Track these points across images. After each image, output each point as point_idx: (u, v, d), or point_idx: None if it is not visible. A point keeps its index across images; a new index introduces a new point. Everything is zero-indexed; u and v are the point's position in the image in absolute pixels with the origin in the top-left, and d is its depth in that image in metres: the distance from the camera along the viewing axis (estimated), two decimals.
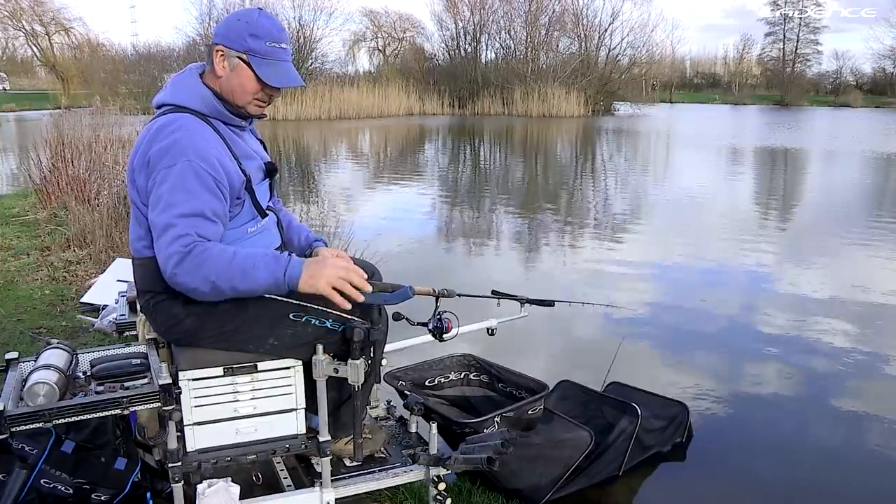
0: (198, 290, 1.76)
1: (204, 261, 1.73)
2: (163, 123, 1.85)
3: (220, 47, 1.90)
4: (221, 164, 1.82)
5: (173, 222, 1.74)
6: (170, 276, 1.75)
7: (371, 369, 1.99)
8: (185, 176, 1.76)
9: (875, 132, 26.73)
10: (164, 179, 1.76)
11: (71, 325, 4.14)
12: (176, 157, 1.77)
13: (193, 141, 1.80)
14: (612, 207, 10.53)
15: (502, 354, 3.40)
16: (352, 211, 9.90)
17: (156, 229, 1.78)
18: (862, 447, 3.44)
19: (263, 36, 1.88)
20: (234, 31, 1.89)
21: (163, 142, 1.80)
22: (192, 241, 1.73)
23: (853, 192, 12.09)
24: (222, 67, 1.91)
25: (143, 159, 1.83)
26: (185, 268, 1.72)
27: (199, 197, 1.76)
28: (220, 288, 1.75)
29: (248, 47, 1.88)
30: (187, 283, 1.74)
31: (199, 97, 1.90)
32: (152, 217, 1.79)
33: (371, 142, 23.40)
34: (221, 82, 1.92)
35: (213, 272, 1.73)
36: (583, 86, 36.09)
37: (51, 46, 44.83)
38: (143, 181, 1.83)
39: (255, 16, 1.90)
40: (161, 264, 1.76)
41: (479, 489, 2.74)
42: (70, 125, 8.41)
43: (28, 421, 1.70)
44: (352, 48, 48.22)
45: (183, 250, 1.72)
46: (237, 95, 1.93)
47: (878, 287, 6.06)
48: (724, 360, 4.49)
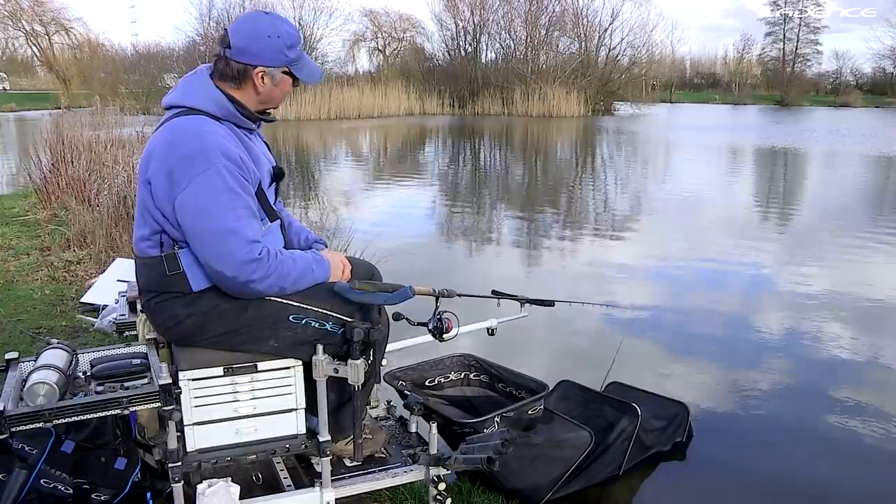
0: (265, 293, 1.85)
1: (278, 266, 1.83)
2: (180, 126, 1.83)
3: (261, 69, 1.90)
4: (245, 163, 1.85)
5: (235, 228, 1.77)
6: (243, 282, 1.79)
7: (371, 369, 1.99)
8: (223, 178, 1.77)
9: (875, 131, 26.74)
10: (202, 184, 1.75)
11: (71, 325, 4.14)
12: (207, 161, 1.76)
13: (218, 143, 1.81)
14: (612, 207, 10.53)
15: (502, 354, 3.40)
16: (352, 211, 9.91)
17: (208, 236, 1.77)
18: (862, 447, 3.44)
19: (295, 43, 1.95)
20: (271, 50, 1.90)
21: (187, 147, 1.78)
22: (261, 246, 1.81)
23: (853, 191, 12.10)
24: (263, 84, 1.92)
25: (163, 165, 1.79)
26: (262, 274, 1.80)
27: (242, 196, 1.80)
28: (286, 289, 1.88)
29: (288, 60, 1.94)
30: (261, 288, 1.82)
31: (213, 100, 1.89)
32: (197, 224, 1.77)
33: (371, 142, 23.40)
34: (259, 97, 1.94)
35: (285, 276, 1.85)
36: (583, 86, 36.08)
37: (51, 46, 44.85)
38: (163, 186, 1.79)
39: (279, 26, 1.92)
40: (228, 270, 1.78)
41: (479, 489, 2.74)
42: (70, 125, 8.41)
43: (28, 421, 1.69)
44: (352, 48, 48.19)
45: (258, 257, 1.79)
46: (273, 102, 1.99)
47: (879, 286, 6.06)
48: (724, 360, 4.49)
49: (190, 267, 1.85)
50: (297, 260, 1.91)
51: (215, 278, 1.82)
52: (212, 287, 1.86)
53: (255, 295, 1.84)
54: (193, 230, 1.79)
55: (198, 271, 1.85)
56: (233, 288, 1.82)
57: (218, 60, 1.93)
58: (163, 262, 1.85)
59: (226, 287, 1.82)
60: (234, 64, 1.90)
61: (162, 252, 1.86)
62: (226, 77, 1.91)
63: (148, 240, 1.88)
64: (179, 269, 1.84)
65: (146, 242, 1.89)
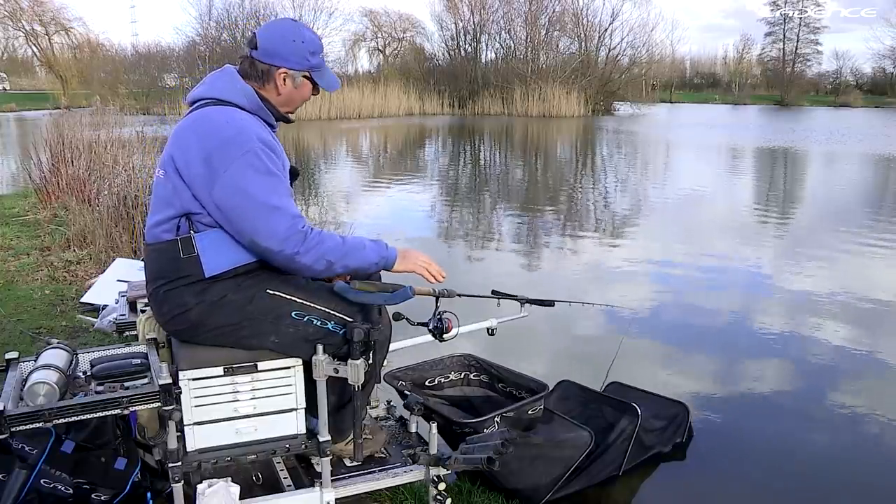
0: (312, 268, 1.89)
1: (321, 241, 1.87)
2: (212, 115, 1.89)
3: (284, 70, 1.99)
4: (277, 151, 1.92)
5: (278, 204, 1.83)
6: (290, 255, 1.84)
7: (371, 370, 1.99)
8: (263, 160, 1.84)
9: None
10: (244, 165, 1.82)
11: (71, 325, 4.14)
12: (246, 143, 1.83)
13: (254, 129, 1.89)
14: (612, 207, 10.53)
15: (502, 354, 3.40)
16: (352, 210, 9.91)
17: (253, 212, 1.81)
18: (862, 447, 3.44)
19: (318, 51, 2.03)
20: (295, 53, 1.98)
21: (224, 133, 1.84)
22: (305, 223, 1.86)
23: (852, 191, 12.10)
24: (285, 85, 2.00)
25: (199, 152, 1.83)
26: (307, 247, 1.84)
27: (281, 178, 1.88)
28: (334, 266, 1.91)
29: (310, 65, 2.02)
30: (307, 261, 1.87)
31: (243, 93, 1.96)
32: (239, 202, 1.82)
33: (371, 142, 23.41)
34: (280, 98, 2.02)
35: (331, 252, 1.89)
36: (583, 86, 36.10)
37: (51, 46, 44.79)
38: (201, 174, 1.83)
39: (304, 33, 2.01)
40: (274, 245, 1.83)
41: (479, 489, 2.74)
42: (70, 125, 8.41)
43: (28, 421, 1.70)
44: (352, 48, 48.21)
45: (303, 231, 1.84)
46: (293, 105, 2.07)
47: (879, 286, 6.06)
48: (724, 360, 4.49)
49: (205, 251, 1.87)
50: (347, 238, 1.96)
51: (263, 255, 1.88)
52: (223, 275, 1.88)
53: (303, 270, 1.89)
54: (237, 210, 1.83)
55: (212, 256, 1.87)
56: (280, 262, 1.88)
57: (244, 61, 2.02)
58: (177, 244, 1.87)
59: (274, 262, 1.88)
60: (260, 64, 1.98)
61: (177, 235, 1.88)
62: (250, 77, 2.00)
63: (164, 224, 1.90)
64: (194, 253, 1.86)
65: (161, 227, 1.90)
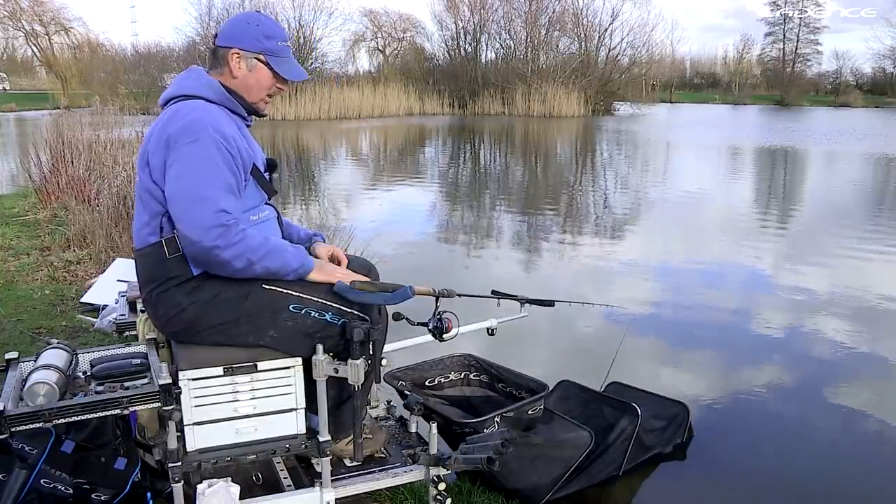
0: (231, 264, 1.83)
1: (243, 238, 1.82)
2: (177, 107, 1.92)
3: (235, 50, 2.00)
4: (236, 142, 1.91)
5: (208, 195, 1.79)
6: (208, 247, 1.79)
7: (371, 369, 1.99)
8: (209, 150, 1.83)
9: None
10: (188, 153, 1.82)
11: (71, 325, 4.14)
12: (198, 132, 1.83)
13: (212, 118, 1.89)
14: (612, 207, 10.53)
15: (502, 354, 3.40)
16: (352, 210, 9.91)
17: (182, 199, 1.80)
18: (863, 447, 3.44)
19: (276, 36, 2.03)
20: (248, 35, 2.01)
21: (182, 121, 1.86)
22: (231, 217, 1.81)
23: (852, 190, 12.10)
24: (239, 68, 2.01)
25: (160, 141, 1.87)
26: (228, 241, 1.79)
27: (224, 171, 1.85)
28: (253, 266, 1.85)
29: (264, 48, 2.01)
30: (227, 256, 1.81)
31: (207, 85, 1.99)
32: (175, 188, 1.81)
33: (371, 142, 23.40)
34: (237, 83, 2.02)
35: (251, 250, 1.83)
36: (583, 86, 36.07)
37: (51, 46, 44.77)
38: (159, 159, 1.86)
39: (261, 18, 2.05)
40: (194, 234, 1.79)
41: (479, 489, 2.74)
42: (70, 125, 8.40)
43: (28, 421, 1.69)
44: (352, 48, 48.16)
45: (226, 223, 1.79)
46: (253, 93, 2.04)
47: (880, 285, 6.06)
48: (724, 360, 4.49)
49: None
50: (271, 239, 1.92)
51: (183, 245, 1.83)
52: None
53: (221, 265, 1.83)
54: (171, 197, 1.83)
55: None
56: (198, 254, 1.82)
57: (209, 53, 2.09)
58: (163, 246, 1.87)
59: (191, 253, 1.84)
60: (218, 50, 2.03)
61: (162, 236, 1.88)
62: (213, 67, 2.04)
63: (147, 226, 1.90)
64: (179, 252, 1.86)
65: (146, 229, 1.91)
